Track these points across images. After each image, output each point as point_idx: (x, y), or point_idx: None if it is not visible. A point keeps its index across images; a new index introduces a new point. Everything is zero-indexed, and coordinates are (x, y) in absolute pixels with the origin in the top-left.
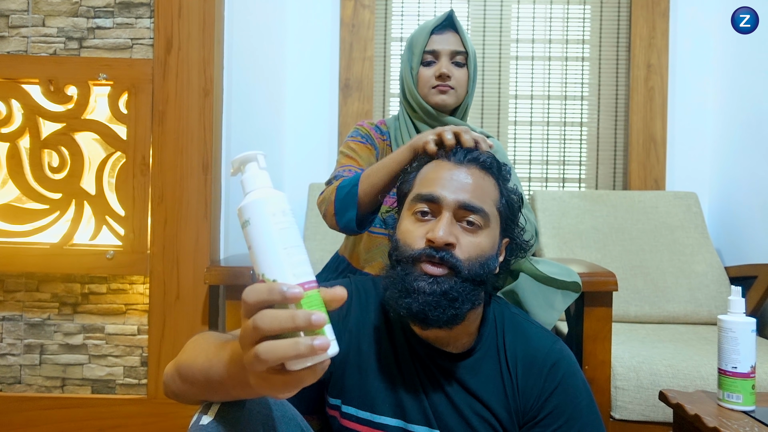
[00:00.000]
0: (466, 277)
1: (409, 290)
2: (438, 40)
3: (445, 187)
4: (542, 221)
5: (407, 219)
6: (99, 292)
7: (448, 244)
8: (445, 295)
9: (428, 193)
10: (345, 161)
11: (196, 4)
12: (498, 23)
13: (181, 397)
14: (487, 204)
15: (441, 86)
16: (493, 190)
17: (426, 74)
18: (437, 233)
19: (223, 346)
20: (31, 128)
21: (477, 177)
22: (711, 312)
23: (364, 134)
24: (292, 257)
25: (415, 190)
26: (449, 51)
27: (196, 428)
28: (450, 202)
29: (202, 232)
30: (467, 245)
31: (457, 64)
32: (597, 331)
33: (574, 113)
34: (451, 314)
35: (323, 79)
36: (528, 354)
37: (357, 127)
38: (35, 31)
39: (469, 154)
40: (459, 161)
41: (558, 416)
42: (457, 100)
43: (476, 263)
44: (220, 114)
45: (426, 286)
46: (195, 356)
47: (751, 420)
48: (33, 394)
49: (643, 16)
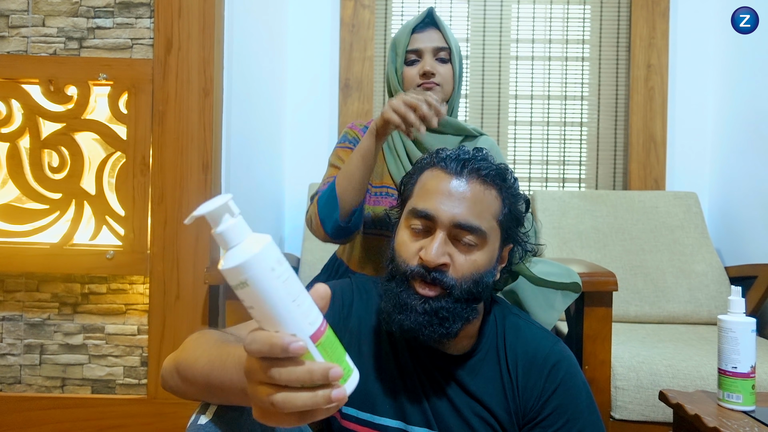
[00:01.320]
0: (459, 297)
1: (402, 307)
2: (420, 38)
3: (442, 202)
4: (542, 221)
5: (403, 230)
6: (99, 292)
7: (440, 264)
8: (436, 314)
9: (423, 210)
10: (332, 172)
11: (196, 4)
12: (498, 23)
13: (178, 393)
14: (485, 220)
15: (426, 84)
16: (494, 202)
17: (410, 73)
18: (429, 254)
19: (226, 351)
20: (31, 128)
21: (477, 191)
22: (711, 312)
23: (352, 138)
24: (302, 306)
25: (413, 201)
26: (432, 48)
27: (194, 428)
28: (444, 221)
29: (202, 232)
30: (461, 264)
31: (441, 60)
32: (597, 331)
33: (574, 113)
34: (442, 333)
35: (323, 79)
36: (528, 355)
37: (346, 131)
38: (35, 31)
39: (469, 164)
40: (458, 173)
41: (558, 417)
42: (444, 97)
43: (470, 281)
44: (220, 114)
45: (418, 305)
46: (196, 357)
47: (751, 420)
48: (33, 394)
49: (643, 16)
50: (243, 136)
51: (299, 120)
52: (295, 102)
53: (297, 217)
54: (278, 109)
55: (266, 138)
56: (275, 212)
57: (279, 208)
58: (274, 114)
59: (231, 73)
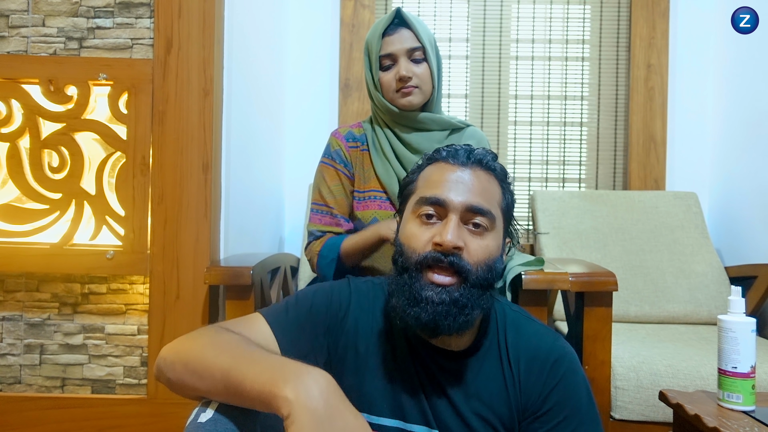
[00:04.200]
0: (474, 283)
1: (417, 299)
2: (391, 41)
3: (451, 189)
4: (542, 221)
5: (411, 222)
6: (99, 292)
7: (456, 248)
8: (455, 303)
9: (434, 196)
10: (317, 196)
11: (196, 4)
12: (498, 23)
13: (178, 387)
14: (493, 206)
15: (404, 89)
16: (497, 191)
17: (387, 79)
18: (446, 237)
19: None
20: (31, 128)
21: (482, 179)
22: (711, 312)
23: (334, 152)
24: None
25: (418, 193)
26: (405, 50)
27: (194, 426)
28: (457, 204)
29: (202, 232)
30: (475, 248)
31: (415, 61)
32: (597, 331)
33: (574, 113)
34: (462, 321)
35: (323, 79)
36: (530, 351)
37: (330, 141)
38: (35, 31)
39: (472, 155)
40: (463, 163)
41: (558, 412)
42: (425, 97)
43: (484, 267)
44: (220, 114)
45: (434, 295)
46: (215, 354)
47: (751, 420)
48: (33, 394)
49: (643, 16)
50: (243, 136)
51: (299, 120)
52: (295, 102)
53: (297, 217)
54: (278, 109)
55: (266, 138)
56: (275, 212)
57: (279, 208)
58: (274, 114)
59: (231, 73)
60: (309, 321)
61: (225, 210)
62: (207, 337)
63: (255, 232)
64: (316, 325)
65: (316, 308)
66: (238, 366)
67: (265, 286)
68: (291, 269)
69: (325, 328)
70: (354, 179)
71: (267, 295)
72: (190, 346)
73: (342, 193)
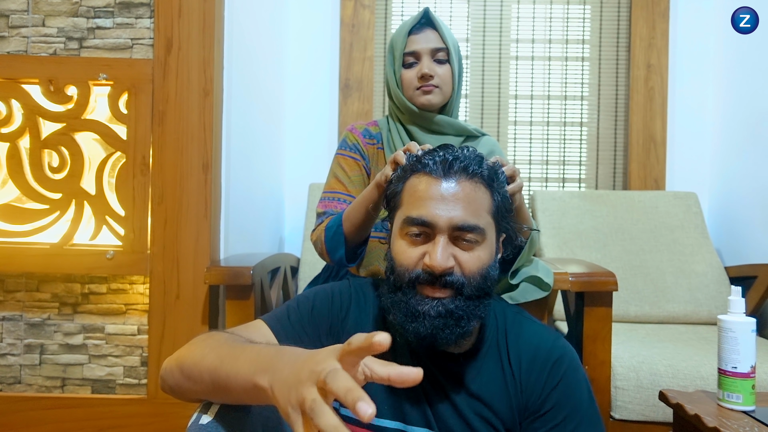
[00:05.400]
0: (470, 294)
1: (414, 314)
2: (416, 40)
3: (436, 207)
4: (542, 221)
5: (399, 240)
6: (99, 292)
7: (447, 268)
8: (451, 314)
9: (419, 217)
10: (333, 184)
11: (196, 4)
12: (498, 23)
13: (177, 392)
14: (482, 217)
15: (425, 87)
16: (485, 198)
17: (408, 76)
18: (435, 260)
19: (241, 347)
20: (31, 128)
21: (468, 189)
22: (711, 312)
23: (352, 144)
24: None
25: (404, 209)
26: (429, 49)
27: (195, 428)
28: (443, 226)
29: (202, 232)
30: (467, 262)
31: (438, 61)
32: (597, 331)
33: (574, 113)
34: (459, 333)
35: (323, 80)
36: (531, 350)
37: (346, 135)
38: (35, 31)
39: (455, 163)
40: (446, 174)
41: (559, 411)
42: (444, 98)
43: (478, 277)
44: (220, 114)
45: (431, 309)
46: (204, 354)
47: (751, 420)
48: (33, 394)
49: (643, 16)
50: (243, 136)
51: (299, 120)
52: (295, 102)
53: (297, 217)
54: (278, 109)
55: (266, 138)
56: (275, 212)
57: (279, 208)
58: (274, 114)
59: (231, 73)
60: (311, 323)
61: (225, 210)
62: (200, 341)
63: (255, 232)
64: (319, 326)
65: (318, 310)
66: (223, 364)
67: (265, 286)
68: (291, 269)
69: (327, 328)
70: (370, 175)
71: (267, 295)
72: (186, 352)
73: (361, 184)
